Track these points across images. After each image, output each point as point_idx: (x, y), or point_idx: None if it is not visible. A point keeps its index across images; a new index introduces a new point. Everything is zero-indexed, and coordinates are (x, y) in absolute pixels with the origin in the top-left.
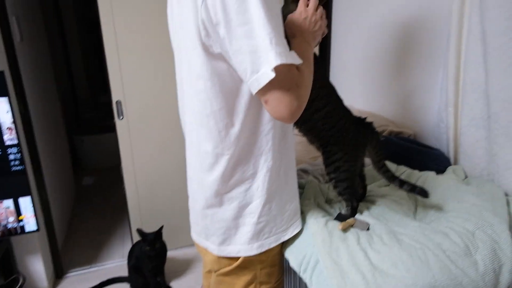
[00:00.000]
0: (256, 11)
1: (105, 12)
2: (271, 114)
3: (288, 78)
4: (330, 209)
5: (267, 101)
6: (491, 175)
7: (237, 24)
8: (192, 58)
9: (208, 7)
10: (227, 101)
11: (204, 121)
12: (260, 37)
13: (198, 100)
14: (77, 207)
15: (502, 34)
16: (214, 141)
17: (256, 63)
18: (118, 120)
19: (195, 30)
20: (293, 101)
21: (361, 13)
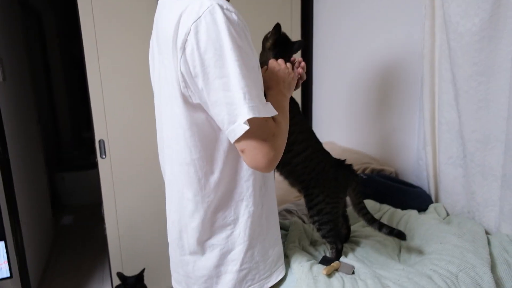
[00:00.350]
0: (232, 65)
1: (90, 50)
2: (248, 163)
3: (264, 129)
4: (315, 252)
5: (243, 151)
6: (471, 212)
7: (215, 77)
8: (172, 107)
9: (187, 60)
10: (206, 150)
11: (184, 169)
12: (235, 90)
13: (178, 148)
14: (55, 247)
15: (471, 78)
16: (194, 189)
17: (232, 114)
18: (100, 159)
19: (175, 81)
20: (270, 151)
21: (341, 56)
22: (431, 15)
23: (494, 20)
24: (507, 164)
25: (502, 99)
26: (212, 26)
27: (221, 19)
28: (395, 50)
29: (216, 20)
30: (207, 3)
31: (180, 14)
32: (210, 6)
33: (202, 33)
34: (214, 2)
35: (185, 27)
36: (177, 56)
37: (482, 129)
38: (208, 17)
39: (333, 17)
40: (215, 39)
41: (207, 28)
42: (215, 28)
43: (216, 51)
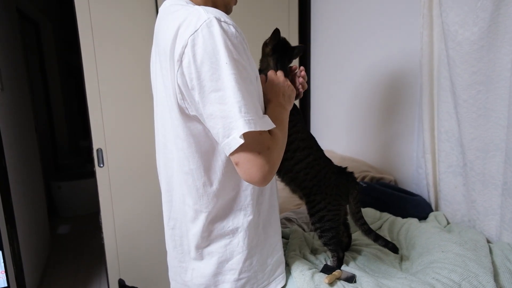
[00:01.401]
0: (228, 78)
1: (88, 59)
2: (242, 176)
3: (259, 142)
4: (316, 260)
5: (238, 164)
6: (472, 221)
7: (210, 90)
8: (171, 117)
9: (184, 73)
10: (203, 161)
11: (183, 178)
12: (231, 104)
13: (178, 158)
14: (52, 257)
15: (470, 87)
16: (193, 197)
17: (227, 128)
18: (98, 168)
19: (172, 93)
20: (265, 165)
21: (339, 65)
22: (429, 25)
23: (492, 29)
24: (507, 172)
25: (501, 107)
26: (209, 39)
27: (218, 32)
28: (394, 58)
29: (213, 33)
30: (205, 16)
31: (178, 26)
32: (208, 19)
33: (199, 46)
34: (211, 15)
35: (182, 40)
36: (174, 68)
37: (481, 138)
38: (205, 30)
39: (331, 24)
40: (211, 53)
41: (204, 41)
42: (212, 41)
43: (213, 64)
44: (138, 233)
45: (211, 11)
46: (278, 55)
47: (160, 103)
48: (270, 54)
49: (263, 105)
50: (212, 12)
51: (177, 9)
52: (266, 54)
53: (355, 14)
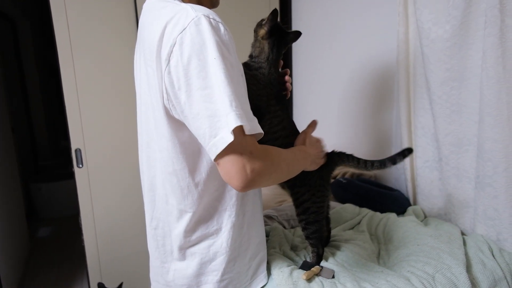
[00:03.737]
0: (216, 76)
1: (65, 58)
2: (223, 177)
3: (241, 143)
4: (296, 257)
5: (219, 163)
6: (448, 214)
7: (197, 88)
8: (155, 117)
9: (171, 72)
10: (188, 162)
11: (167, 178)
12: (219, 101)
13: (162, 158)
14: (32, 260)
15: (444, 84)
16: (177, 198)
17: (215, 127)
18: (77, 168)
19: (158, 92)
20: (246, 167)
21: (320, 61)
22: (404, 22)
23: (464, 27)
24: (479, 166)
25: (473, 103)
26: (197, 36)
27: (207, 29)
28: (373, 55)
29: (202, 31)
30: (193, 14)
31: (165, 24)
32: (196, 17)
33: (187, 44)
34: (199, 13)
35: (170, 39)
36: (161, 68)
37: (455, 133)
38: (193, 28)
39: (312, 20)
40: (199, 50)
41: (192, 38)
42: (200, 39)
43: (200, 61)
44: (119, 235)
45: (200, 9)
46: (275, 39)
47: (144, 101)
48: (265, 38)
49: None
50: (201, 10)
51: (164, 6)
52: (261, 38)
53: (335, 11)
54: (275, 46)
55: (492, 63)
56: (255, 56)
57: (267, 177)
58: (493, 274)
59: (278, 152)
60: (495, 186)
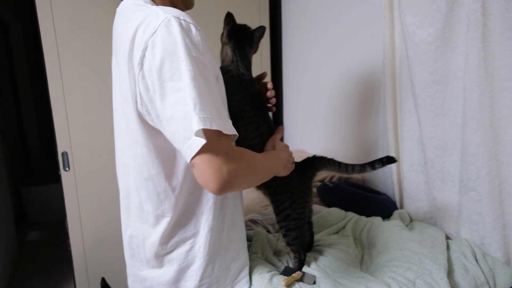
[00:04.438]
0: (185, 75)
1: (51, 59)
2: (198, 180)
3: (216, 144)
4: (278, 262)
5: (194, 165)
6: (434, 218)
7: (171, 91)
8: (128, 122)
9: (145, 77)
10: (164, 166)
11: (142, 184)
12: (189, 104)
13: (136, 164)
14: (21, 264)
15: (428, 87)
16: (154, 204)
17: (189, 129)
18: (63, 172)
19: (130, 97)
20: (221, 168)
21: (309, 65)
22: (390, 25)
23: (447, 30)
24: (463, 170)
25: (457, 106)
26: (168, 39)
27: (177, 31)
28: (361, 58)
29: (172, 33)
30: (162, 16)
31: (136, 28)
32: (166, 19)
33: (158, 47)
34: (169, 14)
35: (141, 43)
36: (134, 73)
37: (440, 136)
38: (164, 30)
39: (302, 23)
40: (171, 52)
41: (163, 41)
42: (171, 41)
43: (173, 64)
44: (106, 239)
45: (170, 11)
46: (235, 41)
47: (117, 108)
48: (226, 42)
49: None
50: (171, 11)
51: (135, 10)
52: (223, 44)
53: (324, 14)
54: (237, 48)
55: (475, 67)
56: (222, 61)
57: (243, 179)
58: (475, 279)
59: (253, 154)
60: (478, 190)
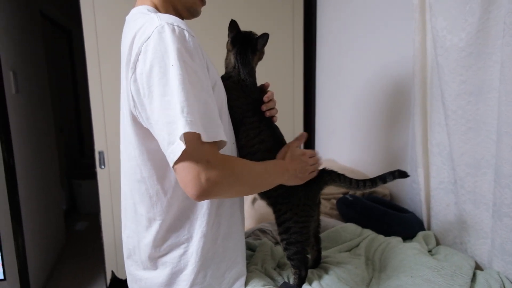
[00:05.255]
0: (174, 79)
1: (92, 62)
2: (180, 184)
3: (197, 151)
4: (278, 277)
5: (175, 170)
6: (464, 244)
7: (158, 95)
8: (125, 124)
9: (137, 80)
10: (156, 169)
11: (136, 186)
12: (176, 108)
13: (130, 166)
14: (67, 251)
15: (459, 97)
16: (146, 206)
17: (173, 134)
18: (99, 169)
19: (127, 101)
20: (201, 177)
21: (343, 71)
22: (421, 30)
23: (481, 35)
24: (496, 192)
25: (492, 120)
26: (159, 44)
27: (169, 37)
28: (393, 65)
29: (164, 39)
30: (157, 23)
31: (134, 34)
32: (159, 26)
33: (150, 52)
34: (164, 21)
35: (136, 48)
36: (128, 75)
37: (471, 153)
38: (156, 36)
39: (333, 31)
40: (161, 57)
41: (154, 46)
42: (162, 47)
43: (161, 68)
44: None
45: (165, 18)
46: (238, 47)
47: (121, 111)
48: (230, 49)
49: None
50: (165, 18)
51: (137, 18)
52: (228, 51)
53: (357, 21)
54: (239, 54)
55: (511, 76)
56: (226, 67)
57: (225, 188)
58: None
59: (242, 163)
60: None
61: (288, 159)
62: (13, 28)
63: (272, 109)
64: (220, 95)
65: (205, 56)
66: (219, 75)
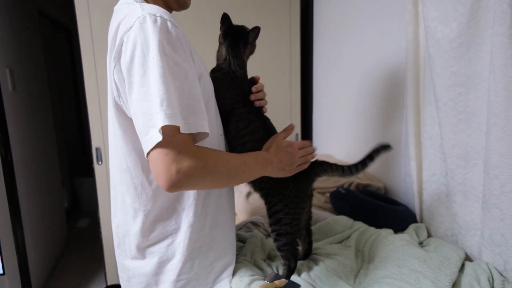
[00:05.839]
0: (154, 73)
1: (88, 60)
2: (153, 175)
3: (171, 142)
4: (267, 267)
5: (149, 161)
6: (455, 236)
7: (136, 86)
8: (110, 115)
9: (121, 70)
10: (141, 159)
11: (122, 176)
12: (153, 100)
13: (116, 155)
14: (69, 247)
15: (449, 89)
16: (132, 196)
17: (147, 125)
18: (96, 165)
19: (110, 89)
20: (170, 168)
21: (339, 67)
22: (414, 21)
23: (472, 24)
24: (486, 183)
25: (483, 112)
26: (140, 35)
27: (150, 28)
28: (387, 58)
29: (145, 29)
30: (139, 13)
31: (118, 24)
32: (141, 16)
33: (131, 42)
34: (145, 12)
35: (119, 38)
36: (111, 65)
37: (462, 144)
38: (137, 26)
39: (333, 25)
40: (140, 49)
41: (135, 37)
42: (142, 37)
43: (140, 59)
44: None
45: (148, 8)
46: (229, 40)
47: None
48: (222, 42)
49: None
50: (148, 9)
51: (122, 8)
52: (219, 43)
53: (355, 16)
54: (230, 46)
55: (500, 66)
56: (217, 60)
57: (198, 179)
58: None
59: (216, 155)
60: (501, 207)
61: (273, 151)
62: (9, 26)
63: (262, 100)
64: (206, 87)
65: (189, 47)
66: (205, 68)
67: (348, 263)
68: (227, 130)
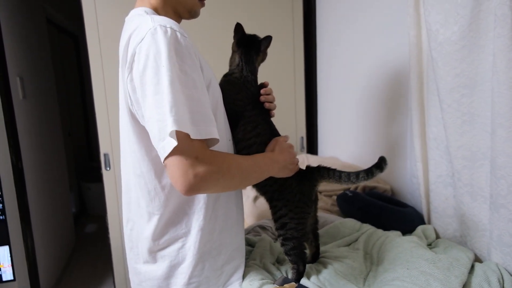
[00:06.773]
0: (165, 82)
1: (96, 67)
2: (170, 180)
3: (186, 147)
4: (276, 271)
5: (166, 166)
6: (464, 237)
7: (150, 94)
8: (124, 121)
9: (133, 80)
10: (154, 164)
11: (137, 180)
12: (167, 107)
13: (131, 160)
14: (76, 252)
15: (453, 90)
16: (146, 200)
17: (163, 131)
18: (105, 171)
19: (124, 99)
20: (189, 173)
21: (343, 68)
22: (415, 24)
23: (474, 27)
24: (492, 184)
25: (487, 112)
26: (152, 45)
27: (162, 38)
28: (390, 61)
29: (157, 40)
30: (150, 25)
31: (129, 35)
32: (152, 28)
33: (143, 53)
34: (157, 23)
35: (131, 49)
36: (125, 75)
37: (468, 145)
38: (149, 37)
39: (336, 27)
40: (153, 59)
41: (147, 48)
42: (155, 48)
43: (153, 69)
44: None
45: (158, 20)
46: (243, 48)
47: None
48: (235, 50)
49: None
50: (159, 20)
51: (134, 19)
52: (233, 51)
53: (358, 16)
54: (243, 54)
55: (503, 67)
56: (230, 66)
57: (213, 182)
58: None
59: (230, 158)
60: (509, 207)
61: (277, 152)
62: (19, 35)
63: (271, 103)
64: (214, 95)
65: (198, 56)
66: (214, 74)
67: (357, 266)
68: (235, 132)
